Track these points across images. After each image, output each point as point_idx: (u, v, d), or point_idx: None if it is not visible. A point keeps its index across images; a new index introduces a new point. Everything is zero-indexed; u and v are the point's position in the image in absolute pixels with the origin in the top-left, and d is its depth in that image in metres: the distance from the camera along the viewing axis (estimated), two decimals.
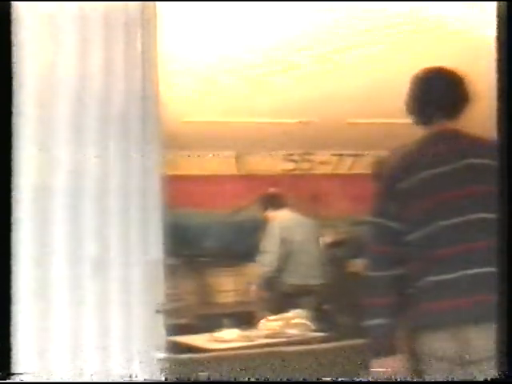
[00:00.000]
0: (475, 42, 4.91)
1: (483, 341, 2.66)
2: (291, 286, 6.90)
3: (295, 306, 6.06)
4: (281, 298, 6.86)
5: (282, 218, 7.18)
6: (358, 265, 5.50)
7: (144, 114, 3.11)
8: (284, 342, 5.18)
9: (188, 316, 7.26)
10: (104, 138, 3.02)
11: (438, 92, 3.10)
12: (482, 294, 2.71)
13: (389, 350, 2.87)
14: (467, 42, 5.24)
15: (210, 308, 7.69)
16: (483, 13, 4.39)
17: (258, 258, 7.12)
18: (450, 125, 3.06)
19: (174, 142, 7.98)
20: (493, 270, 2.53)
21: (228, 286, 8.52)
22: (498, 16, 2.65)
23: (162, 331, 3.06)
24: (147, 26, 3.10)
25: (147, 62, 3.11)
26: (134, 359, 2.96)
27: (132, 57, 3.07)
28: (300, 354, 4.74)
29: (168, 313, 6.89)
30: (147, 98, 3.13)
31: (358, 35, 5.27)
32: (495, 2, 2.69)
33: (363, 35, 5.27)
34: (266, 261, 6.97)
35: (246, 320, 6.40)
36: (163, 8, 3.92)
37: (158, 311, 3.04)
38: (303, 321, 5.62)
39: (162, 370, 2.98)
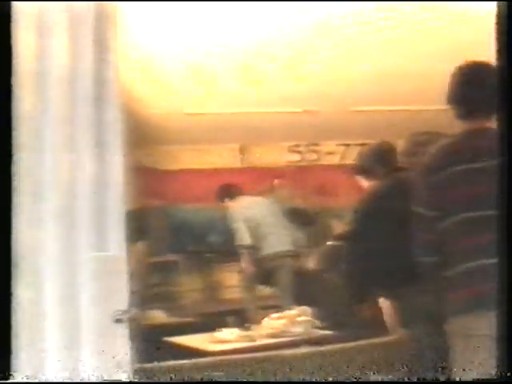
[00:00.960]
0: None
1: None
2: (267, 255, 7.23)
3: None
4: (264, 270, 7.23)
5: (240, 203, 7.47)
6: None
7: (100, 105, 2.87)
8: (288, 342, 4.93)
9: (191, 314, 7.07)
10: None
11: (482, 89, 3.12)
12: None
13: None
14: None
15: (214, 305, 7.48)
16: None
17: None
18: (487, 123, 3.14)
19: (175, 136, 8.03)
20: None
21: (233, 282, 8.22)
22: (498, 16, 2.68)
23: (125, 346, 2.55)
24: (104, 22, 2.87)
25: (104, 58, 2.86)
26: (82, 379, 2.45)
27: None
28: (306, 355, 4.49)
29: (171, 311, 6.79)
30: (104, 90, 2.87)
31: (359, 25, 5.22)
32: (495, 2, 2.74)
33: (364, 25, 5.22)
34: (241, 241, 7.29)
35: (249, 317, 6.32)
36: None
37: (117, 320, 2.56)
38: (308, 318, 5.35)
39: None
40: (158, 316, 6.97)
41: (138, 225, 7.58)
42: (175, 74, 6.13)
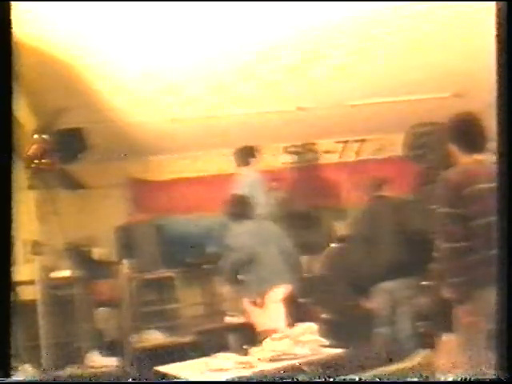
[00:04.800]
0: None
1: None
2: None
3: None
4: None
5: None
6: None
7: None
8: (292, 365, 4.51)
9: (190, 332, 6.77)
10: None
11: (475, 133, 4.19)
12: None
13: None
14: None
15: (215, 321, 7.12)
16: None
17: None
18: (480, 156, 4.12)
19: (162, 144, 7.72)
20: None
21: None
22: (498, 16, 2.89)
23: None
24: None
25: None
26: None
27: None
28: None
29: (168, 330, 6.46)
30: None
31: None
32: (494, 2, 2.93)
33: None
34: None
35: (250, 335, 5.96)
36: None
37: None
38: (314, 336, 4.97)
39: None
40: (155, 337, 6.71)
41: (127, 241, 7.40)
42: (160, 80, 5.95)
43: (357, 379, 3.97)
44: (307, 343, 4.85)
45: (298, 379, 4.28)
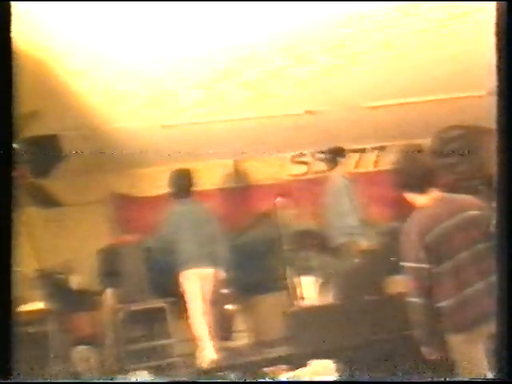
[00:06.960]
0: None
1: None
2: None
3: None
4: None
5: None
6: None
7: None
8: None
9: (184, 373, 6.25)
10: None
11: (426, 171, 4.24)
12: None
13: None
14: None
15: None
16: None
17: None
18: (438, 192, 4.24)
19: (152, 154, 7.16)
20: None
21: (238, 326, 7.38)
22: (498, 16, 2.88)
23: None
24: None
25: None
26: None
27: None
28: None
29: (159, 371, 5.95)
30: None
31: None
32: (495, 2, 2.92)
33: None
34: None
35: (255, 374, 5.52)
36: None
37: None
38: (331, 376, 4.70)
39: None
40: (144, 378, 6.15)
41: (110, 267, 6.92)
42: (151, 83, 5.60)
43: None
44: None
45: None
